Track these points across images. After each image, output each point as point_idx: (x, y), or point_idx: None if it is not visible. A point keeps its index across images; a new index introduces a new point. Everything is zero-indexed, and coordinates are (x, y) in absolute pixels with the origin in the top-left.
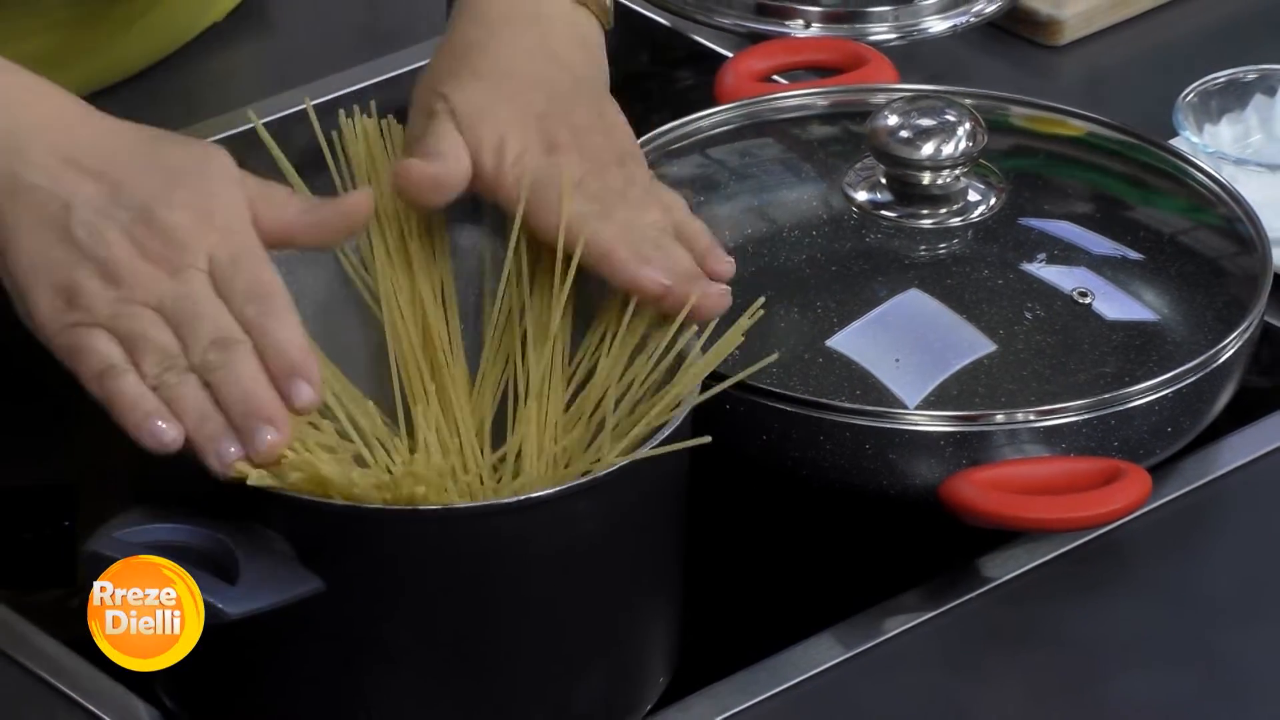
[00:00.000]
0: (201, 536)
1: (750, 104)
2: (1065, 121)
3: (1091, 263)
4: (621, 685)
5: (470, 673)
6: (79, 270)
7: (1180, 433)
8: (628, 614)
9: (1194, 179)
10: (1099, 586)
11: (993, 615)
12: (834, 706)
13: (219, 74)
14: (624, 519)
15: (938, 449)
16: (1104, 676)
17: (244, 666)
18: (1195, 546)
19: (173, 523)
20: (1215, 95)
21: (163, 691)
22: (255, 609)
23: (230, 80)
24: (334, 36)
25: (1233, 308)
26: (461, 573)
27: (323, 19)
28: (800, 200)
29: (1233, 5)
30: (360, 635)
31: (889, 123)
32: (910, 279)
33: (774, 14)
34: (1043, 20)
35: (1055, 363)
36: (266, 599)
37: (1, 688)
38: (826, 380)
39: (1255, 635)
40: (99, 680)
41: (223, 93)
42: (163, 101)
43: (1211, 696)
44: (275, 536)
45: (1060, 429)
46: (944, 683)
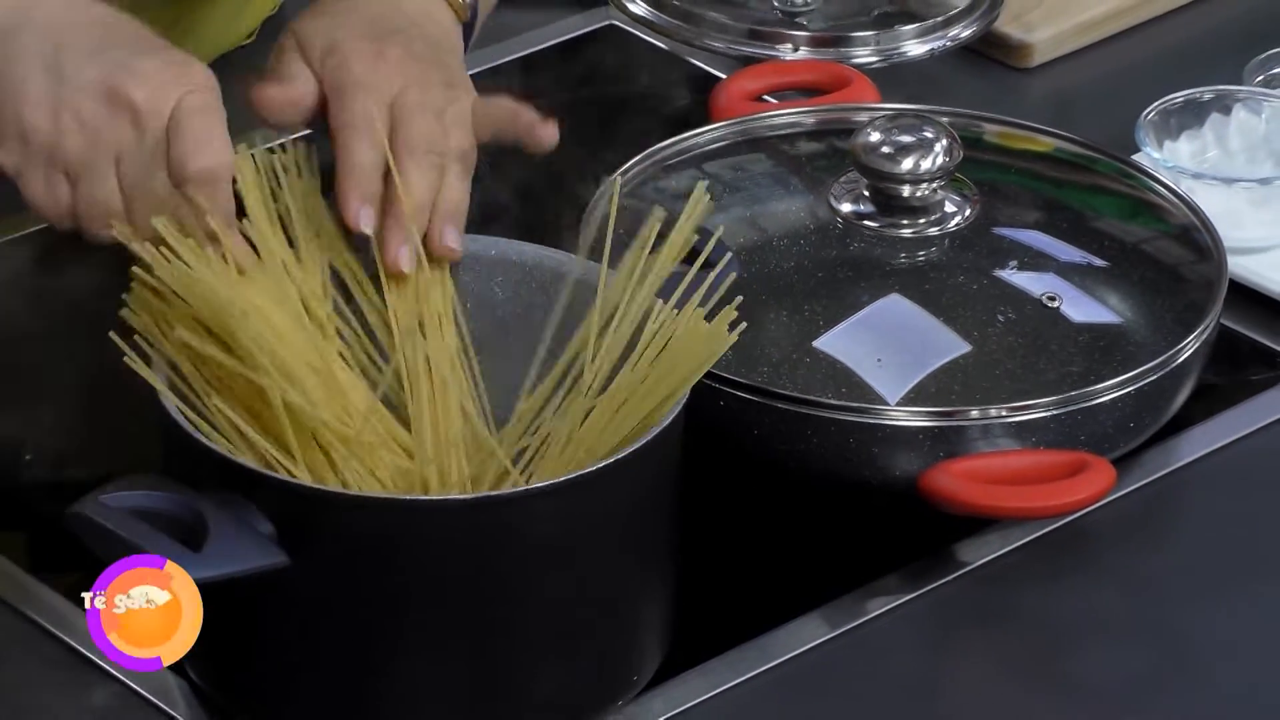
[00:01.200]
0: (179, 504)
1: (742, 122)
2: (1035, 138)
3: (1059, 269)
4: (619, 662)
5: (476, 652)
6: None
7: (1142, 427)
8: (625, 596)
9: (1155, 191)
10: (1067, 570)
11: (968, 597)
12: (820, 682)
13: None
14: (622, 508)
15: (917, 442)
16: (1071, 653)
17: (263, 645)
18: (1156, 533)
19: (155, 490)
20: (1174, 114)
21: (188, 666)
22: (210, 576)
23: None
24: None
25: (1191, 311)
26: (469, 560)
27: None
28: (789, 211)
29: (1190, 31)
30: (371, 618)
31: (871, 139)
32: (891, 284)
33: (764, 38)
34: (1014, 44)
35: (1026, 362)
36: (225, 568)
37: (37, 658)
38: (813, 379)
39: (1210, 615)
40: None
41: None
42: None
43: (1170, 671)
44: (257, 515)
45: (1030, 424)
46: (922, 659)
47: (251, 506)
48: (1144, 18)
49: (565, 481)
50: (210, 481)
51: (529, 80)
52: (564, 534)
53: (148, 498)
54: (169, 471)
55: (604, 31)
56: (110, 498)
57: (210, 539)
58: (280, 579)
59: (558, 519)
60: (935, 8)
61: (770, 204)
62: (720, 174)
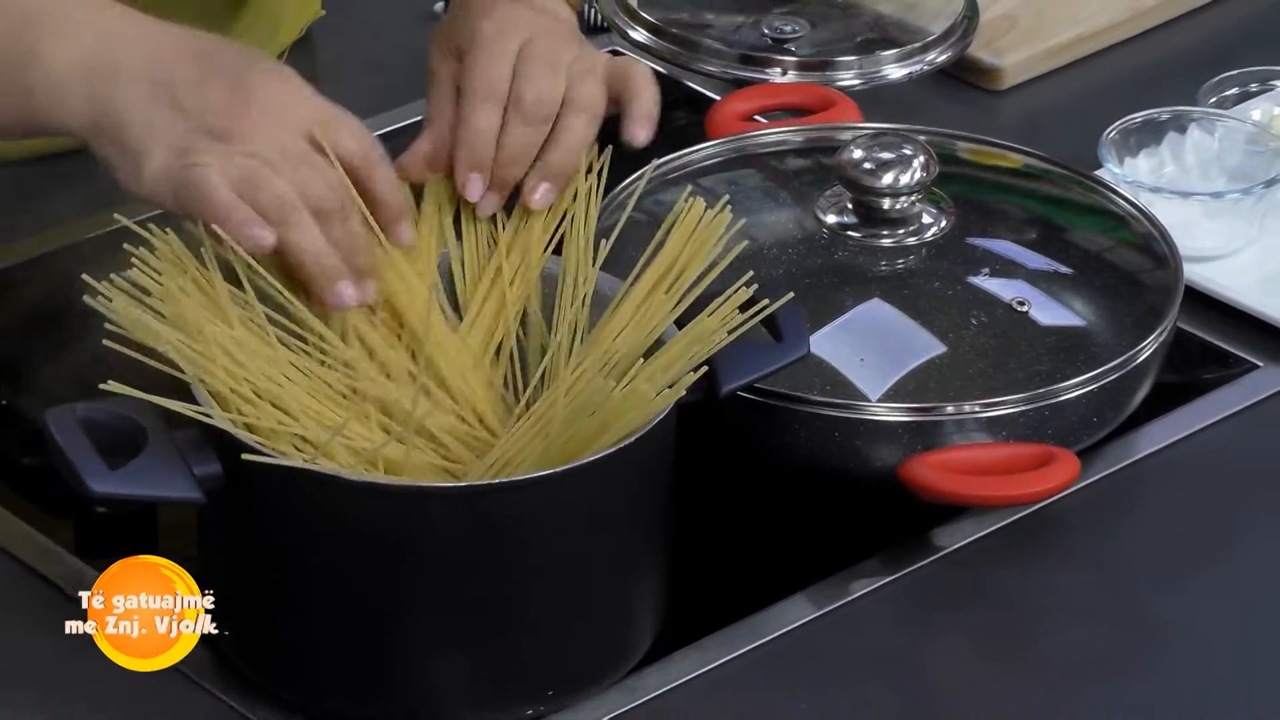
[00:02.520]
0: (128, 423)
1: (736, 140)
2: (1005, 155)
3: (1028, 276)
4: (617, 639)
5: (483, 631)
6: (192, 134)
7: (1104, 422)
8: (624, 577)
9: (1116, 204)
10: (1034, 554)
11: (943, 579)
12: (805, 658)
13: None
14: (621, 494)
15: (896, 436)
16: (1038, 631)
17: (281, 622)
18: (1118, 520)
19: (124, 412)
20: (1134, 132)
21: (218, 640)
22: (113, 493)
23: None
24: (377, 78)
25: (1150, 315)
26: (478, 544)
27: (369, 63)
28: (778, 222)
29: (1148, 56)
30: (382, 598)
31: (854, 156)
32: (872, 290)
33: (756, 63)
34: (986, 68)
35: (997, 362)
36: (131, 489)
37: (58, 627)
38: (800, 377)
39: (1169, 595)
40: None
41: None
42: None
43: (1131, 647)
44: (203, 453)
45: (1001, 419)
46: (900, 637)
47: (208, 449)
48: (1106, 44)
49: (566, 470)
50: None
51: None
52: (566, 519)
53: (109, 414)
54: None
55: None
56: (82, 406)
57: (132, 462)
58: (293, 560)
59: (559, 505)
60: (913, 34)
61: (761, 215)
62: (715, 188)
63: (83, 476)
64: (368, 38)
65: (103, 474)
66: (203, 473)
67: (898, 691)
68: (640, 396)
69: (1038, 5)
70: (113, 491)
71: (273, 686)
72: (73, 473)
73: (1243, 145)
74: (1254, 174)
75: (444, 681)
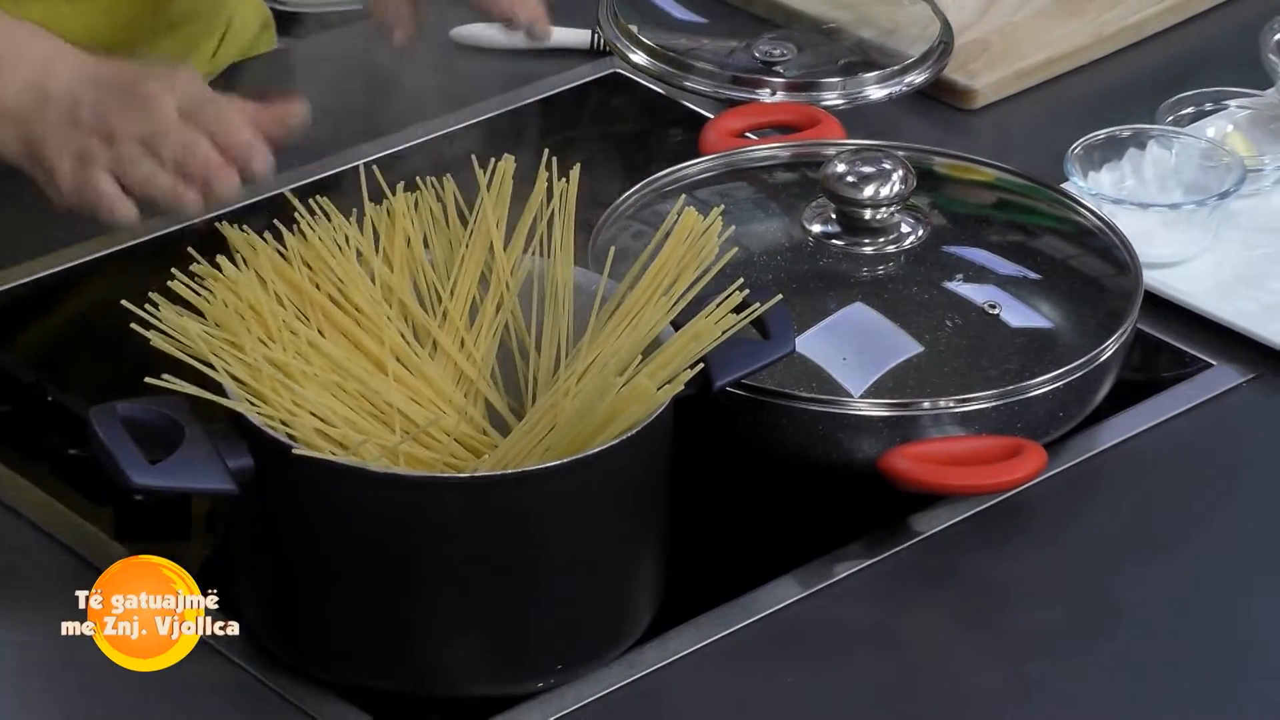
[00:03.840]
0: (165, 419)
1: (728, 155)
2: (978, 169)
3: (999, 281)
4: (619, 617)
5: (495, 608)
6: (88, 139)
7: (1070, 417)
8: (625, 559)
9: (1081, 215)
10: (1005, 538)
11: (920, 561)
12: (792, 634)
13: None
14: (622, 483)
15: (876, 429)
16: (1008, 608)
17: (303, 602)
18: (1082, 507)
19: (163, 410)
20: (1097, 148)
21: (246, 618)
22: (151, 485)
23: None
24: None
25: (1111, 317)
26: (492, 529)
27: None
28: (767, 231)
29: (1111, 78)
30: (405, 578)
31: (838, 170)
32: (855, 294)
33: (746, 84)
34: (960, 89)
35: (970, 361)
36: (168, 481)
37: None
38: (788, 375)
39: (1129, 576)
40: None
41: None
42: None
43: (1094, 624)
44: (236, 448)
45: (974, 413)
46: (881, 614)
47: (240, 444)
48: (1071, 67)
49: (573, 461)
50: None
51: (546, 119)
52: (573, 507)
53: (146, 411)
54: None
55: (609, 78)
56: (123, 405)
57: (170, 457)
58: (318, 545)
59: (566, 494)
60: (893, 58)
61: (751, 225)
62: (709, 199)
63: (123, 469)
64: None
65: (142, 467)
66: (236, 465)
67: (878, 664)
68: (642, 391)
69: (1008, 31)
70: (151, 483)
71: (298, 662)
72: (114, 465)
73: (1198, 160)
74: (1208, 187)
75: (459, 656)
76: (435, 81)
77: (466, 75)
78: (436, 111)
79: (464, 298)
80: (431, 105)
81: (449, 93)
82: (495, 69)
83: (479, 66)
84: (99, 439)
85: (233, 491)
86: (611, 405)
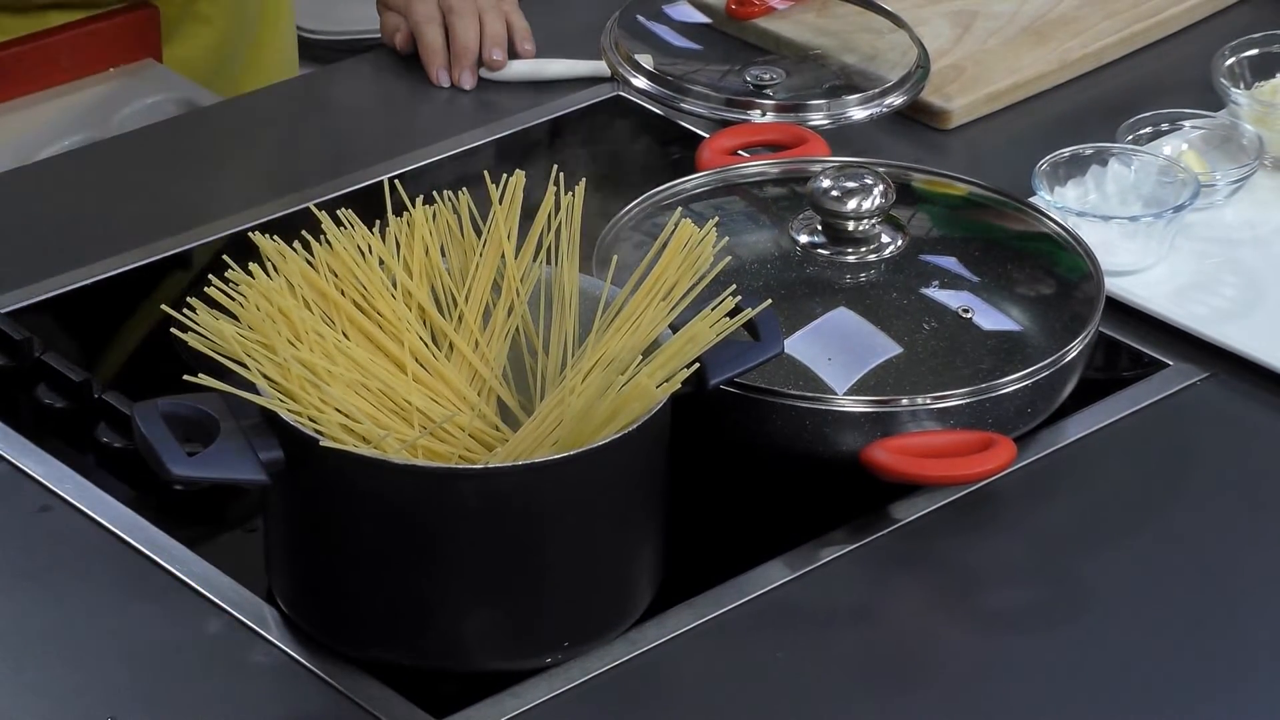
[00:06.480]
0: (202, 415)
1: (722, 172)
2: (953, 184)
3: (972, 287)
4: (620, 597)
5: (507, 589)
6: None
7: (1038, 413)
8: (626, 544)
9: (1047, 226)
10: (978, 525)
11: (900, 546)
12: (783, 613)
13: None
14: (623, 475)
15: (859, 424)
16: (981, 590)
17: (332, 583)
18: (1049, 496)
19: (200, 405)
20: (1062, 165)
21: (278, 598)
22: (189, 475)
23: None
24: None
25: (1076, 321)
26: (504, 516)
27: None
28: (758, 242)
29: (1075, 101)
30: (424, 561)
31: (823, 185)
32: (839, 300)
33: (739, 106)
34: (936, 110)
35: (945, 361)
36: (205, 472)
37: (146, 590)
38: (777, 374)
39: (1093, 560)
40: (224, 583)
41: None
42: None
43: (1061, 605)
44: (267, 441)
45: (949, 409)
46: (863, 596)
47: (271, 437)
48: (1038, 90)
49: (579, 453)
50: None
51: (554, 139)
52: (579, 496)
53: (185, 407)
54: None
55: (612, 101)
56: (164, 401)
57: (206, 449)
58: (344, 530)
59: (573, 484)
60: (874, 81)
61: (743, 236)
62: (704, 212)
63: (163, 461)
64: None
65: (180, 458)
66: (267, 458)
67: (861, 640)
68: (642, 389)
69: (980, 57)
70: (189, 474)
71: (326, 638)
72: (155, 457)
73: (1155, 176)
74: (1165, 200)
75: (474, 633)
76: (456, 105)
77: (484, 99)
78: (455, 131)
79: (478, 303)
80: (451, 126)
81: (468, 116)
82: (512, 90)
83: (495, 93)
84: (141, 433)
85: (264, 482)
86: (614, 402)
